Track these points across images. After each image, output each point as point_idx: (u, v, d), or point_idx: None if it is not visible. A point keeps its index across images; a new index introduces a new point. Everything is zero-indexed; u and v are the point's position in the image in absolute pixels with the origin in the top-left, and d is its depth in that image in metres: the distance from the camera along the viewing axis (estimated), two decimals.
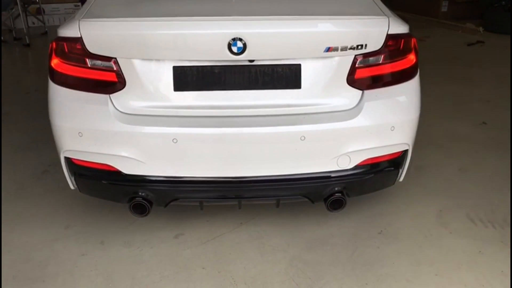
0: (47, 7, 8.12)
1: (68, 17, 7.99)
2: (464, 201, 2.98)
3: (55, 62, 2.28)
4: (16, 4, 6.84)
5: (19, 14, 7.08)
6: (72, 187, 2.53)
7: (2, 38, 7.02)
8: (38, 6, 7.80)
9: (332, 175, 2.36)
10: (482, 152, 3.63)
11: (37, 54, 6.80)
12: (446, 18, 8.35)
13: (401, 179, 2.61)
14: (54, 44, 2.27)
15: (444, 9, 8.50)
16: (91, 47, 2.18)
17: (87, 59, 2.21)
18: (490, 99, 4.75)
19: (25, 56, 6.75)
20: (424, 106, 4.18)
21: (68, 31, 2.21)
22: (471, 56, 6.52)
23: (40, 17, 7.82)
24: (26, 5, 7.40)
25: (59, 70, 2.28)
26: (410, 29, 2.38)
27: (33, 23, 7.94)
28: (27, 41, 6.89)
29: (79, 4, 8.34)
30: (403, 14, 8.42)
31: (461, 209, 2.89)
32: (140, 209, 2.39)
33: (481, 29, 7.58)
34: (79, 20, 2.19)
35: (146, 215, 2.42)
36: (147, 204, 2.36)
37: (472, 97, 4.82)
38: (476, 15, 7.99)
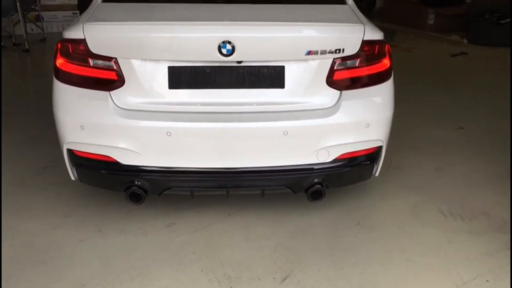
0: (46, 15, 8.32)
1: (66, 24, 8.20)
2: (437, 197, 3.20)
3: (60, 61, 2.49)
4: (17, 11, 7.03)
5: (18, 21, 7.27)
6: (73, 178, 2.74)
7: (2, 43, 7.23)
8: (37, 13, 7.99)
9: (312, 167, 2.58)
10: (458, 154, 3.86)
11: (36, 59, 7.01)
12: (433, 30, 8.64)
13: (376, 174, 2.84)
14: (59, 45, 2.48)
15: (430, 21, 8.79)
16: (94, 48, 2.40)
17: (89, 59, 2.43)
18: (469, 105, 5.00)
19: (25, 61, 6.96)
20: (406, 112, 4.42)
21: (73, 33, 2.43)
22: (454, 66, 6.79)
23: (39, 24, 8.02)
24: (26, 12, 7.59)
25: (63, 69, 2.49)
26: (391, 38, 2.62)
27: (32, 30, 8.13)
28: (27, 47, 7.09)
29: (77, 12, 8.57)
30: (392, 26, 8.73)
31: (433, 203, 3.12)
32: (136, 197, 2.59)
33: (465, 41, 7.87)
34: (83, 23, 2.41)
35: (141, 203, 2.63)
36: (143, 192, 2.57)
37: (452, 104, 5.06)
38: (461, 28, 8.28)
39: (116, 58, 2.42)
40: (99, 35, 2.42)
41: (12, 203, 3.06)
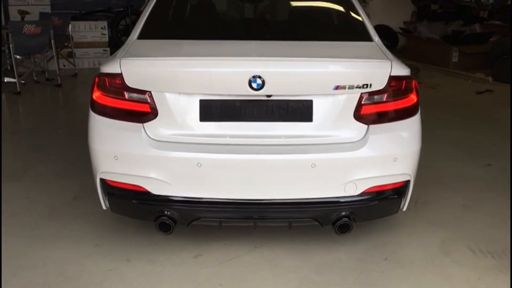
0: (78, 51, 8.66)
1: (97, 60, 8.52)
2: (466, 233, 3.16)
3: (96, 94, 2.60)
4: (51, 47, 7.35)
5: (52, 57, 7.58)
6: (104, 207, 2.80)
7: (35, 79, 7.55)
8: (70, 50, 8.33)
9: (340, 200, 2.59)
10: (486, 190, 3.82)
11: (67, 94, 7.27)
12: (457, 68, 8.68)
13: (404, 208, 2.83)
14: (96, 78, 2.59)
15: (454, 59, 8.85)
16: (130, 82, 2.50)
17: (125, 92, 2.53)
18: (495, 143, 4.97)
19: (57, 95, 7.21)
20: (433, 148, 4.39)
21: (110, 68, 2.54)
22: (480, 103, 6.78)
23: (71, 60, 8.34)
24: (59, 49, 7.92)
25: (100, 101, 2.59)
26: (415, 75, 2.67)
27: (64, 66, 8.45)
28: (59, 82, 7.37)
29: (108, 49, 8.90)
30: (415, 63, 8.78)
31: (463, 241, 3.07)
32: (165, 227, 2.64)
33: (490, 78, 7.87)
34: (120, 59, 2.52)
35: (170, 233, 2.66)
36: (172, 222, 2.61)
37: (479, 141, 5.04)
38: (485, 66, 8.30)
39: (150, 92, 2.51)
40: (135, 69, 2.52)
41: (43, 231, 3.13)
